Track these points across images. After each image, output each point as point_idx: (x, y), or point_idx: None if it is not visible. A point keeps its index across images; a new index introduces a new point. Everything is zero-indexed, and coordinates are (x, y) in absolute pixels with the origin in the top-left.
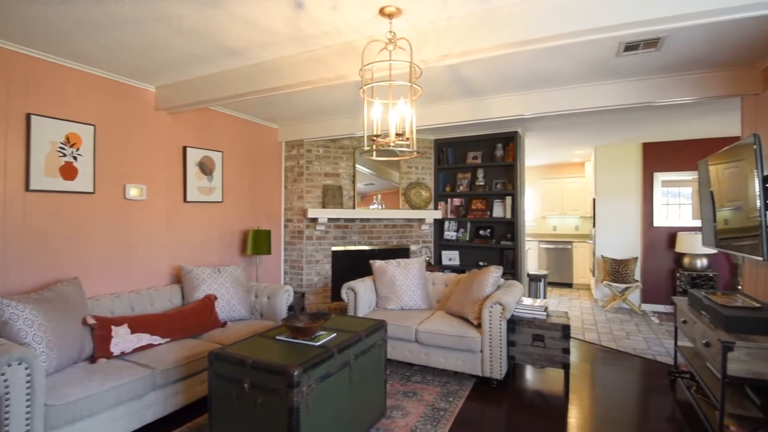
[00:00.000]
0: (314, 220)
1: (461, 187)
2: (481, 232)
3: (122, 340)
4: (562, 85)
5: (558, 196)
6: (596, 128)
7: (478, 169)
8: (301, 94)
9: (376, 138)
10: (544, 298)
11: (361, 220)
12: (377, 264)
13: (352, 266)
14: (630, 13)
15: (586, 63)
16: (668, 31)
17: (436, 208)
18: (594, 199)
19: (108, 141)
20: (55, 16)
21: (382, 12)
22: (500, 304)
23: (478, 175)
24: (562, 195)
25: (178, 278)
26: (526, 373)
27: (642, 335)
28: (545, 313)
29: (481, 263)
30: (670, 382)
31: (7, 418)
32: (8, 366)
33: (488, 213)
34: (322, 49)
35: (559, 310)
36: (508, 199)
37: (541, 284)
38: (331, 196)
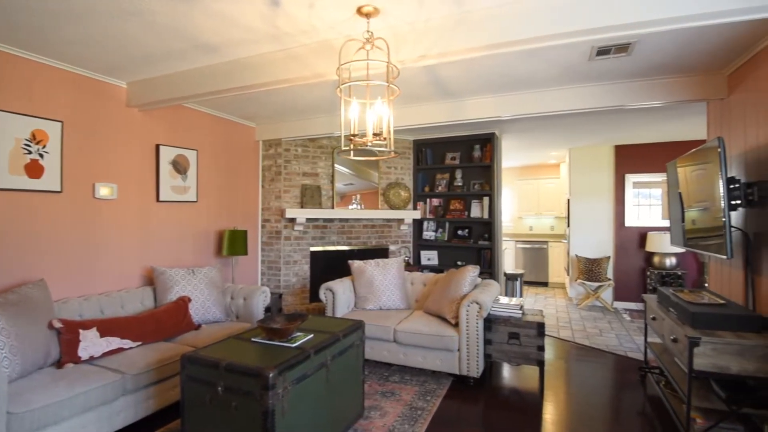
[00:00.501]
0: (292, 221)
1: (440, 188)
2: (459, 232)
3: (91, 344)
4: (537, 87)
5: (534, 196)
6: (571, 130)
7: (456, 170)
8: (279, 93)
9: (353, 137)
10: (521, 296)
11: (340, 220)
12: (356, 264)
13: (330, 267)
14: (601, 17)
15: (560, 66)
16: (638, 37)
17: (415, 209)
18: (568, 200)
19: (76, 138)
20: (22, 8)
21: (359, 11)
22: (477, 303)
23: (457, 175)
24: (539, 196)
25: (151, 280)
26: (502, 371)
27: (614, 332)
28: (521, 312)
29: (459, 263)
30: (640, 377)
31: None
32: None
33: (466, 213)
34: (300, 48)
35: (535, 309)
36: (486, 200)
37: (518, 283)
38: (310, 196)
